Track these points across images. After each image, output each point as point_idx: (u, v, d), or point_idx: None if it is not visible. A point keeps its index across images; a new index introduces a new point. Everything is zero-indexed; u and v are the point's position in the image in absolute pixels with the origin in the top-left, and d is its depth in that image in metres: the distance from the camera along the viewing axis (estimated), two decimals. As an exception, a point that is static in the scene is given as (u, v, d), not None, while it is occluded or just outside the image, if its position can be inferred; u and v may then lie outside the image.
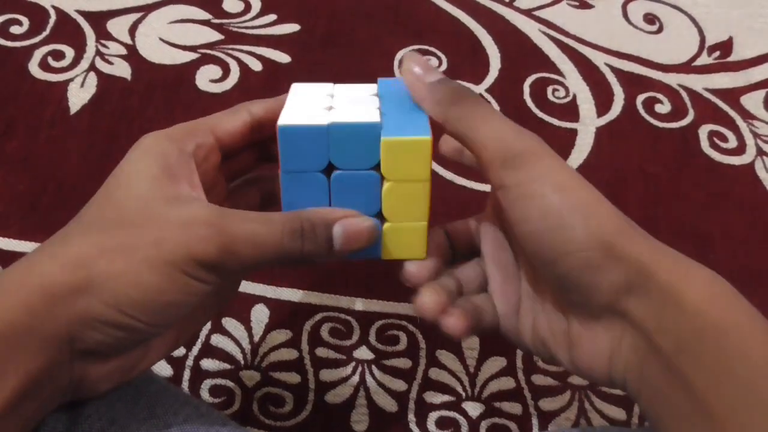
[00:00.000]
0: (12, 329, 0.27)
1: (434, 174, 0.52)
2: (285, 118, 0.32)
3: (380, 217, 0.34)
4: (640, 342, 0.30)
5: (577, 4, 0.87)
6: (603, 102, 0.77)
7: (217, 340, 0.58)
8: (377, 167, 0.33)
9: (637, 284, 0.29)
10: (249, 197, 0.39)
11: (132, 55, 0.75)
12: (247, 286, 0.60)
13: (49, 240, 0.31)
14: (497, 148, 0.31)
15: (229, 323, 0.58)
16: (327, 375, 0.57)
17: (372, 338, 0.59)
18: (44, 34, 0.75)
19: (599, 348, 0.32)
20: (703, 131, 0.76)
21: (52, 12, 0.77)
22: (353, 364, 0.58)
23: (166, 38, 0.77)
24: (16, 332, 0.27)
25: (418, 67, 0.34)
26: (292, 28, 0.80)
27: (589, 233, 0.29)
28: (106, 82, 0.73)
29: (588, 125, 0.75)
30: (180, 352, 0.57)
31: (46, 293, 0.28)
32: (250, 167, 0.39)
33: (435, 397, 0.57)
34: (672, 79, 0.80)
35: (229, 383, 0.56)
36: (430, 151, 0.32)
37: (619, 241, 0.30)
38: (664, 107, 0.78)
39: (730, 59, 0.83)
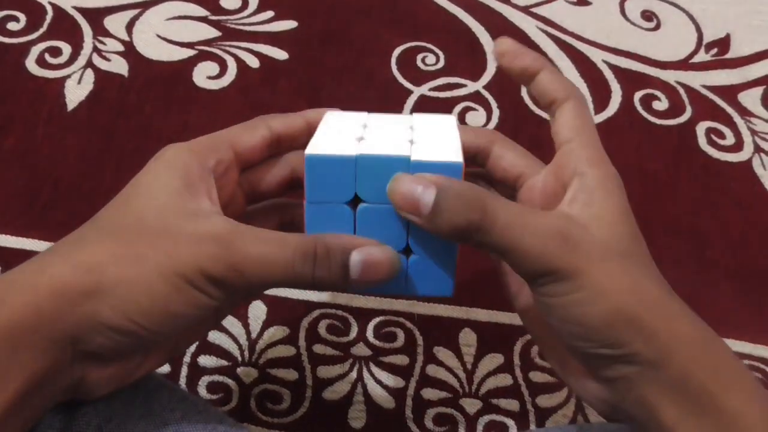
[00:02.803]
0: (19, 329, 0.28)
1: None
2: (313, 147, 0.32)
3: (406, 252, 0.33)
4: (643, 411, 0.31)
5: (574, 0, 0.87)
6: (601, 99, 0.77)
7: (215, 336, 0.58)
8: None
9: (649, 371, 0.31)
10: (267, 223, 0.39)
11: (129, 51, 0.75)
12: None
13: (62, 241, 0.31)
14: (523, 269, 0.31)
15: (227, 320, 0.58)
16: (324, 372, 0.57)
17: (369, 335, 0.59)
18: (41, 30, 0.75)
19: (603, 396, 0.33)
20: (701, 128, 0.76)
21: (49, 8, 0.77)
22: (351, 360, 0.58)
23: (164, 35, 0.77)
24: (22, 332, 0.28)
25: (405, 193, 0.31)
26: (289, 24, 0.80)
27: (608, 338, 0.30)
28: (103, 78, 0.72)
29: (585, 122, 0.75)
30: (177, 348, 0.57)
31: (56, 294, 0.28)
32: (273, 193, 0.38)
33: (432, 394, 0.57)
34: (670, 76, 0.80)
35: (227, 380, 0.56)
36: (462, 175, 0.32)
37: (639, 340, 0.30)
38: (661, 104, 0.78)
39: (727, 56, 0.83)
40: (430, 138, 0.34)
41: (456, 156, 0.32)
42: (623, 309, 0.30)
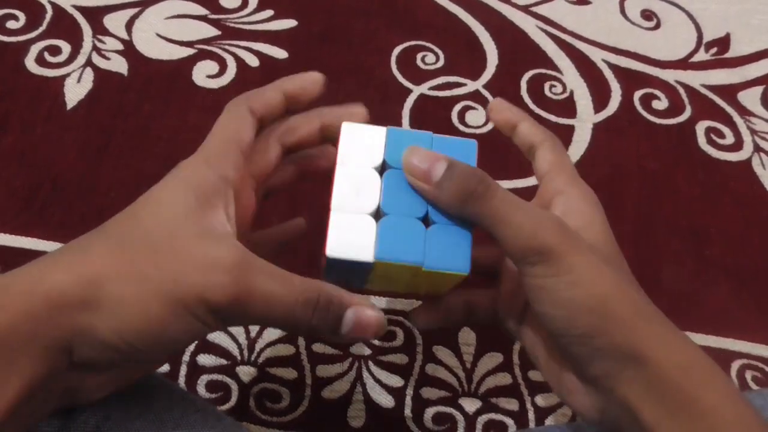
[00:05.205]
0: (15, 335, 0.27)
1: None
2: (332, 247, 0.34)
3: (426, 221, 0.36)
4: (626, 412, 0.33)
5: (574, 0, 0.87)
6: (600, 98, 0.77)
7: (214, 336, 0.58)
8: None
9: (628, 368, 0.32)
10: (284, 172, 0.40)
11: (128, 50, 0.75)
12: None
13: (67, 246, 0.31)
14: (516, 245, 0.33)
15: (226, 319, 0.58)
16: (323, 371, 0.57)
17: (369, 334, 0.59)
18: (40, 29, 0.75)
19: (591, 402, 0.35)
20: (701, 127, 0.76)
21: (48, 7, 0.77)
22: (350, 359, 0.58)
23: (163, 34, 0.77)
24: (19, 339, 0.27)
25: (418, 164, 0.34)
26: (289, 23, 0.79)
27: (591, 324, 0.32)
28: (102, 77, 0.72)
29: (585, 121, 0.75)
30: (176, 347, 0.57)
31: (53, 304, 0.28)
32: (273, 172, 0.39)
33: (432, 393, 0.57)
34: (669, 76, 0.80)
35: (226, 379, 0.56)
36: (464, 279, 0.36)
37: (619, 331, 0.32)
38: (661, 103, 0.78)
39: (727, 55, 0.83)
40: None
41: (470, 139, 0.37)
42: (607, 299, 0.32)
